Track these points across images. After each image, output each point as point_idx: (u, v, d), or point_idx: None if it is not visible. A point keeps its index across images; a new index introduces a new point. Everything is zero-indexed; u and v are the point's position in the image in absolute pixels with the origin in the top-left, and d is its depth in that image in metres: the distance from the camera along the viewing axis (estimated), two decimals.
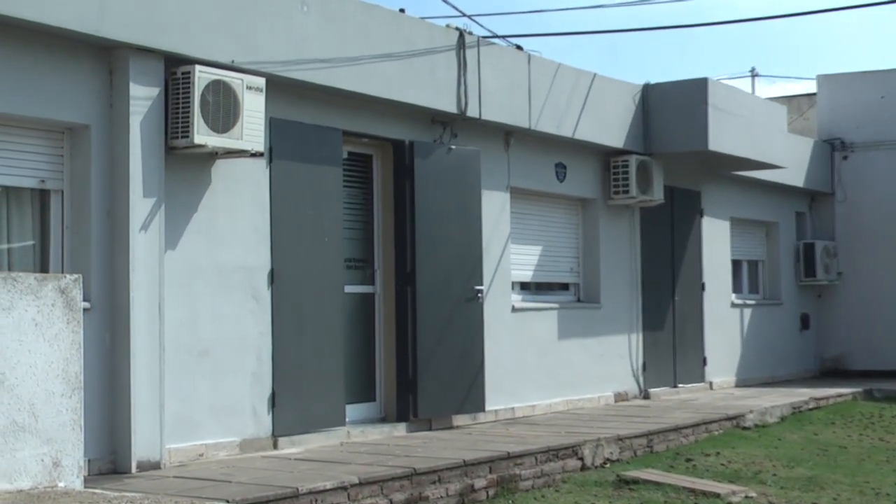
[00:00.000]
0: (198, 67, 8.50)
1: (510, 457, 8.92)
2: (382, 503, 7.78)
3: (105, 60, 8.30)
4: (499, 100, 11.61)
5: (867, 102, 18.50)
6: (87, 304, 7.85)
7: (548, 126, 12.34)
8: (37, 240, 8.23)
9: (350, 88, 9.94)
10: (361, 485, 7.67)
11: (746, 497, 8.79)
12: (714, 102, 13.82)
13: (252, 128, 8.83)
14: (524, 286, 12.89)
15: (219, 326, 8.99)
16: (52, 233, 8.23)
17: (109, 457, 8.18)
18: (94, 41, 8.11)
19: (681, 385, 14.94)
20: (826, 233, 18.74)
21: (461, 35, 11.17)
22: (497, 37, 12.01)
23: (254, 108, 8.83)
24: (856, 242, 18.47)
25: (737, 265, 17.10)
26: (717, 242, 16.16)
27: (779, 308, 17.84)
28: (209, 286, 8.95)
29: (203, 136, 8.51)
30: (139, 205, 8.31)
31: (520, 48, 12.17)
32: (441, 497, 8.21)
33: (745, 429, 12.22)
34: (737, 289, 17.03)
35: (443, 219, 11.06)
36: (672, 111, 13.80)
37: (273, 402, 9.38)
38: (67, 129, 8.27)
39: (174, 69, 8.57)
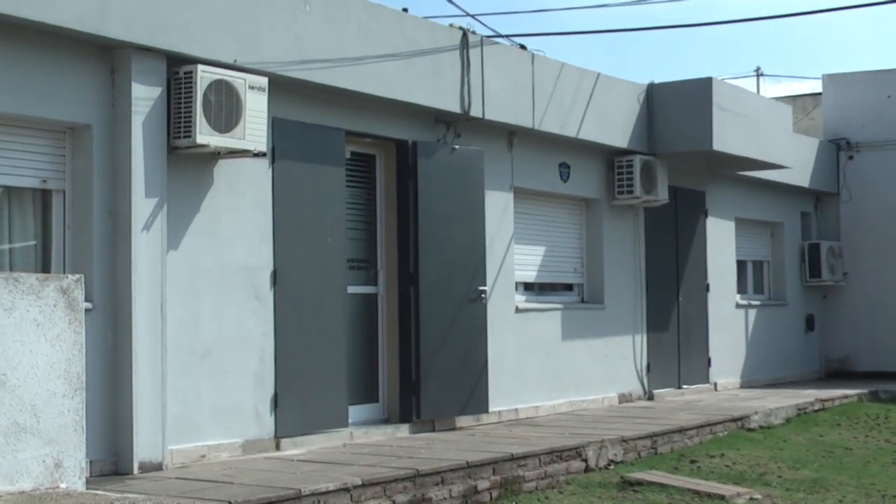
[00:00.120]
0: (200, 67, 8.47)
1: (513, 458, 8.89)
2: None
3: (107, 60, 8.28)
4: (502, 99, 11.58)
5: (873, 102, 18.42)
6: (89, 305, 7.83)
7: (551, 126, 12.31)
8: (38, 240, 8.21)
9: (353, 88, 9.92)
10: (364, 486, 7.65)
11: (751, 499, 8.75)
12: (719, 102, 13.78)
13: (254, 128, 8.81)
14: (528, 287, 12.86)
15: (221, 327, 8.97)
16: (54, 233, 8.21)
17: (111, 458, 8.16)
18: (96, 40, 8.09)
19: (685, 386, 14.90)
20: (831, 233, 18.67)
21: (464, 34, 11.14)
22: (501, 36, 11.99)
23: (256, 108, 8.81)
24: (861, 243, 18.39)
25: (741, 266, 17.05)
26: (722, 243, 16.12)
27: (784, 309, 17.78)
28: (211, 286, 8.92)
29: (205, 136, 8.48)
30: (141, 205, 8.29)
31: (523, 48, 12.14)
32: (444, 498, 8.18)
33: (750, 430, 12.18)
34: (741, 289, 16.98)
35: (446, 219, 11.02)
36: (676, 111, 13.76)
37: (275, 403, 9.35)
38: (69, 129, 8.25)
39: (176, 69, 8.54)
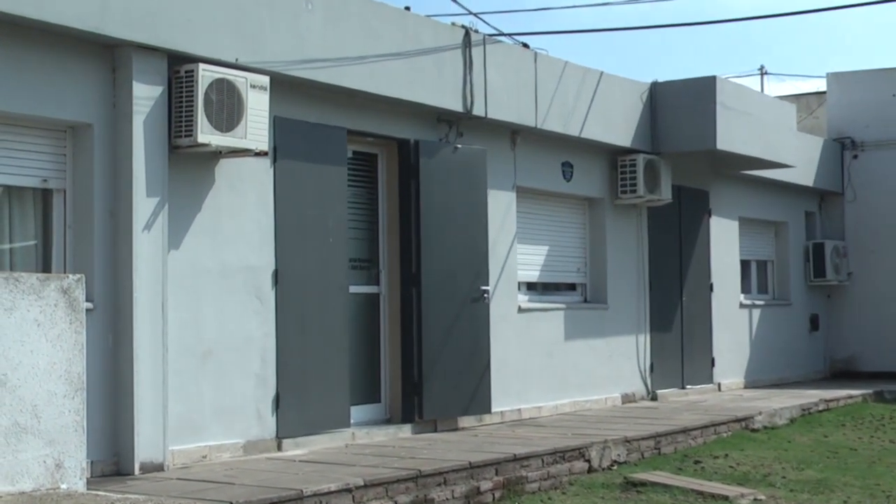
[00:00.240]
0: (201, 66, 8.45)
1: (516, 459, 8.86)
2: None
3: (108, 59, 8.25)
4: (505, 98, 11.55)
5: (878, 101, 18.37)
6: (90, 305, 7.80)
7: (554, 125, 12.28)
8: (39, 239, 8.19)
9: (355, 87, 9.89)
10: (366, 487, 7.63)
11: (755, 500, 8.72)
12: (722, 101, 13.75)
13: (256, 127, 8.78)
14: (530, 286, 12.82)
15: (222, 327, 8.94)
16: (55, 232, 8.19)
17: (112, 458, 8.13)
18: (97, 39, 8.06)
19: (689, 386, 14.86)
20: (836, 232, 18.63)
21: (467, 33, 11.11)
22: (503, 35, 11.97)
23: (258, 107, 8.78)
24: (866, 242, 18.35)
25: (745, 265, 17.01)
26: (726, 242, 16.08)
27: (788, 309, 17.74)
28: (213, 286, 8.90)
29: (207, 135, 8.45)
30: (142, 204, 8.26)
31: (526, 46, 12.11)
32: (447, 499, 8.15)
33: (754, 431, 12.15)
34: (745, 289, 16.94)
35: (448, 218, 10.99)
36: (680, 110, 13.73)
37: (277, 404, 9.32)
38: (70, 129, 8.22)
39: (177, 67, 8.52)
